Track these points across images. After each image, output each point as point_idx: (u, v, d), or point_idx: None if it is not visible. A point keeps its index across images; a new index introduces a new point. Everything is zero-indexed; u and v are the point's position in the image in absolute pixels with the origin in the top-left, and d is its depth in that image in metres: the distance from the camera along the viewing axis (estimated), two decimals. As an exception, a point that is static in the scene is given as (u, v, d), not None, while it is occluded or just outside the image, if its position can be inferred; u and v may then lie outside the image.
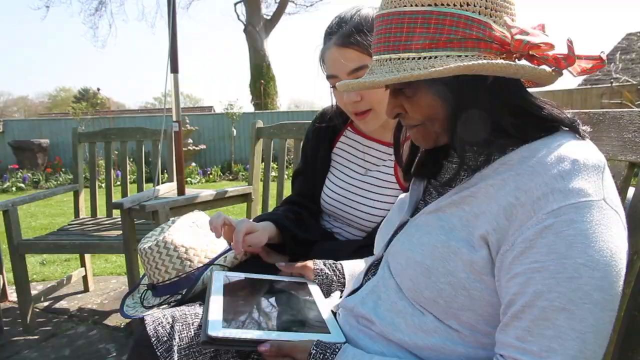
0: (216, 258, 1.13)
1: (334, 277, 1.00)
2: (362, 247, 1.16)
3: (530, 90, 0.74)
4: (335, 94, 1.19)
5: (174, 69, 2.12)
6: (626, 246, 0.60)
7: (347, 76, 1.10)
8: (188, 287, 1.07)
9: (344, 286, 1.00)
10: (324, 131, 1.33)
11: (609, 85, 7.52)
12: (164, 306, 1.06)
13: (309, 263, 1.01)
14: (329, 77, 1.16)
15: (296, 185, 1.38)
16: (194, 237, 1.15)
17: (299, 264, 1.01)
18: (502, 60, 0.63)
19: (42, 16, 21.55)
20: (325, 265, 1.01)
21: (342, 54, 1.09)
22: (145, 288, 1.16)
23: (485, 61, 0.61)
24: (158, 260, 1.11)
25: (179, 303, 1.05)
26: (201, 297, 0.99)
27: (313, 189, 1.32)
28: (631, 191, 0.78)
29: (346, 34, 1.08)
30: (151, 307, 1.08)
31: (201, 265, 1.12)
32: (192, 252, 1.12)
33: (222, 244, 1.20)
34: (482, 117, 0.65)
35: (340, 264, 1.03)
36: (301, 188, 1.35)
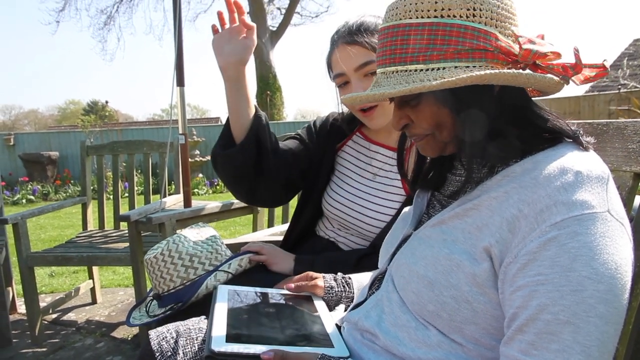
0: (221, 265, 1.14)
1: (343, 293, 0.99)
2: (365, 255, 1.16)
3: (536, 98, 0.74)
4: (342, 93, 1.20)
5: (180, 82, 2.14)
6: (632, 258, 0.59)
7: (354, 72, 1.13)
8: (190, 294, 1.07)
9: (352, 300, 1.00)
10: (337, 128, 1.33)
11: (617, 91, 7.47)
12: (169, 312, 1.07)
13: (319, 281, 0.99)
14: (336, 77, 1.18)
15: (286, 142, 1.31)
16: (199, 246, 1.17)
17: (310, 283, 0.98)
18: (513, 70, 0.63)
19: (52, 31, 21.96)
20: (335, 280, 1.00)
21: (350, 50, 1.13)
22: (151, 299, 1.17)
23: (496, 71, 0.62)
24: (163, 269, 1.12)
25: (182, 307, 1.05)
26: (205, 310, 0.99)
27: (308, 166, 1.28)
28: (637, 201, 0.78)
29: (352, 33, 1.14)
30: (156, 316, 1.09)
31: (205, 273, 1.13)
32: (196, 260, 1.14)
33: (226, 253, 1.20)
34: (488, 128, 0.65)
35: (350, 277, 1.02)
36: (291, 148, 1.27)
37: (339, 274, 1.03)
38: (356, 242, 1.24)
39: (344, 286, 0.99)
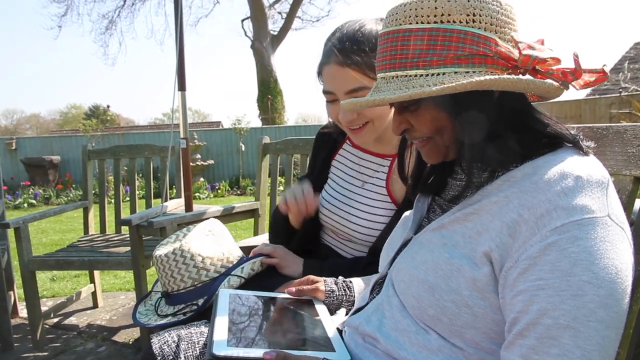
0: (233, 268, 1.12)
1: (344, 297, 0.99)
2: (370, 263, 1.15)
3: (535, 102, 0.74)
4: (330, 109, 1.15)
5: (182, 87, 2.15)
6: (632, 262, 0.59)
7: (344, 95, 1.07)
8: (206, 297, 1.05)
9: (353, 304, 1.00)
10: (327, 138, 1.34)
11: (618, 94, 7.48)
12: (180, 316, 1.05)
13: (320, 285, 0.99)
14: (325, 92, 1.13)
15: None
16: (211, 246, 1.14)
17: (311, 287, 0.99)
18: (513, 76, 0.63)
19: (54, 36, 22.08)
20: (336, 284, 1.00)
21: (342, 73, 1.06)
22: (159, 295, 1.15)
23: (496, 76, 0.62)
24: (174, 268, 1.09)
25: (196, 313, 1.04)
26: (207, 314, 0.99)
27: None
28: (637, 205, 0.78)
29: (347, 53, 1.05)
30: (165, 316, 1.07)
31: (217, 275, 1.11)
32: (208, 262, 1.10)
33: (238, 254, 1.20)
34: (488, 133, 0.66)
35: (351, 281, 1.02)
36: None
37: (340, 277, 1.03)
38: (352, 247, 1.24)
39: (345, 290, 0.99)
